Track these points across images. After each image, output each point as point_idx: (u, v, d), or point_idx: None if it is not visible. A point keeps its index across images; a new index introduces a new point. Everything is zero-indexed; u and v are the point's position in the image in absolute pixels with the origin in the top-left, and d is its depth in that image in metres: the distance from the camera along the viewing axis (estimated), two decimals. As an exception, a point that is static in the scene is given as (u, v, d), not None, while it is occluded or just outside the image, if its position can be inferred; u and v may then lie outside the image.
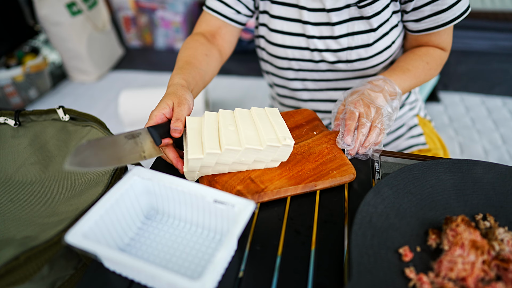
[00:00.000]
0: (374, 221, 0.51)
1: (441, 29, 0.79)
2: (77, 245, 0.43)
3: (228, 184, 0.60)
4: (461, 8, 0.76)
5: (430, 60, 0.82)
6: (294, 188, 0.60)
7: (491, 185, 0.58)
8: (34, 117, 0.79)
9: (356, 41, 0.81)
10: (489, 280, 0.45)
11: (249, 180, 0.61)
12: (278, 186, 0.60)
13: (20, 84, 2.15)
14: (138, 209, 0.54)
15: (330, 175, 0.62)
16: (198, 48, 0.82)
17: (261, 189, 0.59)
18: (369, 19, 0.78)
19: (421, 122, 1.03)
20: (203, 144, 0.58)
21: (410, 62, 0.80)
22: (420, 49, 0.84)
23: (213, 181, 0.61)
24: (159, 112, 0.62)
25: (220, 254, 0.42)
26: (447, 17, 0.77)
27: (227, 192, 0.56)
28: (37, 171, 0.69)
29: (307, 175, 0.62)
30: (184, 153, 0.60)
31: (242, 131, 0.60)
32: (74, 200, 0.63)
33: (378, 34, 0.80)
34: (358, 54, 0.82)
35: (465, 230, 0.48)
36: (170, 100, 0.64)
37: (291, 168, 0.63)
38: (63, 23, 2.24)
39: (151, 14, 2.81)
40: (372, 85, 0.72)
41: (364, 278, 0.44)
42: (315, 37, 0.83)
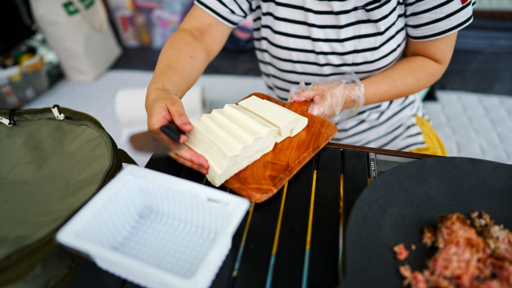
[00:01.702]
0: (369, 219, 0.50)
1: (438, 38, 0.78)
2: (69, 244, 0.43)
3: (256, 175, 0.61)
4: (460, 18, 0.74)
5: (421, 76, 0.82)
6: (308, 154, 0.65)
7: (487, 183, 0.57)
8: (28, 116, 0.79)
9: (362, 44, 0.80)
10: (484, 278, 0.45)
11: (270, 164, 0.63)
12: (296, 157, 0.64)
13: (17, 84, 2.14)
14: (132, 207, 0.54)
15: (321, 133, 0.70)
16: (183, 49, 0.77)
17: (286, 165, 0.63)
18: (376, 22, 0.77)
19: (419, 121, 1.03)
20: (232, 140, 0.58)
21: (402, 77, 0.82)
22: (416, 61, 0.83)
23: (242, 179, 0.60)
24: (158, 117, 0.60)
25: (213, 252, 0.41)
26: (444, 26, 0.75)
27: (260, 180, 0.59)
28: (31, 170, 0.69)
29: (307, 140, 0.68)
30: (210, 159, 0.58)
31: (251, 121, 0.63)
32: (68, 199, 0.62)
33: (385, 37, 0.79)
34: (364, 57, 0.81)
35: (460, 228, 0.48)
36: (163, 103, 0.62)
37: (291, 141, 0.68)
38: (60, 22, 2.23)
39: (148, 14, 2.81)
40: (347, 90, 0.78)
41: (359, 277, 0.44)
42: (320, 40, 0.82)
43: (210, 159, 0.57)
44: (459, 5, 0.73)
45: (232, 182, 0.59)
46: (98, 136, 0.73)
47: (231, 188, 0.60)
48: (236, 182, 0.59)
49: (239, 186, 0.59)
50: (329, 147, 0.70)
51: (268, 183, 0.59)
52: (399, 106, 1.00)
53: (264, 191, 0.58)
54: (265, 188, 0.58)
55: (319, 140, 0.68)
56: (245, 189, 0.58)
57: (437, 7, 0.73)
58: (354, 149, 0.70)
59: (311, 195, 0.60)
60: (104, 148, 0.70)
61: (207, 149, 0.58)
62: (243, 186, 0.58)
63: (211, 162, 0.57)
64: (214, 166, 0.56)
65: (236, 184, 0.59)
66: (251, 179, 0.60)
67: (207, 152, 0.58)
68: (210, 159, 0.57)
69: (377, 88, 0.81)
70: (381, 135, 1.02)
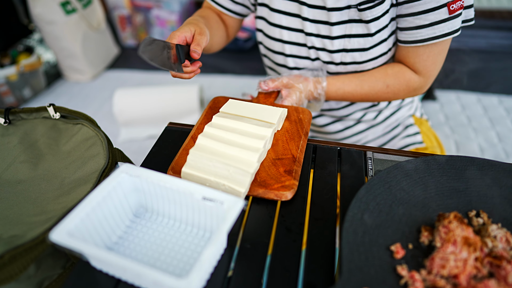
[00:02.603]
0: (365, 218, 0.50)
1: (419, 45, 0.75)
2: (62, 243, 0.42)
3: (272, 175, 0.60)
4: (445, 29, 0.71)
5: (392, 83, 0.80)
6: (303, 141, 0.67)
7: (485, 182, 0.57)
8: (24, 115, 0.78)
9: (352, 43, 0.79)
10: (481, 277, 0.45)
11: (278, 161, 0.63)
12: (296, 147, 0.65)
13: (14, 83, 2.13)
14: (127, 207, 0.54)
15: (302, 119, 0.71)
16: (211, 15, 0.88)
17: (292, 157, 0.63)
18: (367, 23, 0.76)
19: (417, 121, 1.03)
20: (244, 154, 0.59)
21: (372, 81, 0.81)
22: (393, 68, 0.81)
23: (262, 183, 0.59)
24: (181, 33, 0.66)
25: (208, 252, 0.41)
26: (427, 34, 0.72)
27: (279, 178, 0.59)
28: (26, 170, 0.68)
29: (294, 129, 0.69)
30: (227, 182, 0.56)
31: (248, 127, 0.64)
32: (62, 198, 0.62)
33: (376, 39, 0.78)
34: (352, 57, 0.80)
35: (457, 226, 0.47)
36: (193, 27, 0.68)
37: (280, 134, 0.68)
38: (57, 21, 2.22)
39: (146, 13, 2.80)
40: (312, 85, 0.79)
41: (355, 276, 0.43)
42: (313, 35, 0.82)
43: (228, 182, 0.56)
44: (446, 15, 0.70)
45: (255, 189, 0.58)
46: (93, 135, 0.73)
47: (255, 195, 0.58)
48: (258, 188, 0.58)
49: (263, 190, 0.58)
50: (326, 146, 0.70)
51: (288, 178, 0.59)
52: (396, 106, 0.99)
53: (289, 187, 0.58)
54: (288, 184, 0.58)
55: (304, 126, 0.70)
56: (271, 191, 0.58)
57: (422, 12, 0.71)
58: (351, 148, 0.69)
59: (307, 194, 0.60)
60: (100, 147, 0.70)
61: (223, 173, 0.57)
62: (268, 189, 0.58)
63: (230, 185, 0.55)
64: (236, 186, 0.55)
65: (260, 190, 0.58)
66: (270, 180, 0.59)
67: (224, 176, 0.56)
68: (228, 182, 0.56)
69: (340, 87, 0.80)
70: (379, 135, 1.02)
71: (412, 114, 1.03)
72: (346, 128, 1.00)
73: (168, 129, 0.76)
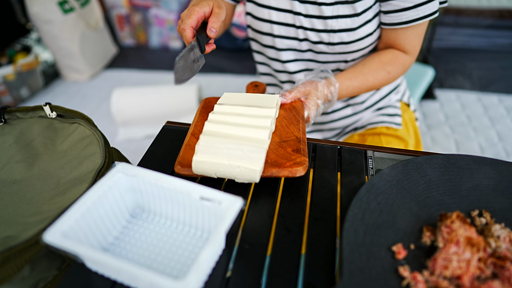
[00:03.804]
0: (366, 218, 0.49)
1: (407, 26, 0.79)
2: (56, 244, 0.41)
3: (282, 155, 0.61)
4: (427, 10, 0.77)
5: (392, 69, 0.84)
6: (303, 124, 0.68)
7: (487, 181, 0.56)
8: (20, 114, 0.77)
9: (339, 24, 0.81)
10: (485, 278, 0.44)
11: (283, 143, 0.63)
12: (297, 129, 0.66)
13: (12, 83, 2.12)
14: (123, 207, 0.52)
15: (295, 106, 0.73)
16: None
17: (296, 138, 0.64)
18: (353, 4, 0.78)
19: (402, 107, 1.04)
20: (254, 133, 0.60)
21: (373, 72, 0.83)
22: (386, 55, 0.85)
23: (274, 163, 0.59)
24: (201, 9, 0.67)
25: (205, 252, 0.40)
26: (411, 15, 0.77)
27: (289, 157, 0.60)
28: (22, 169, 0.67)
29: (290, 115, 0.70)
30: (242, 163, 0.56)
31: (251, 110, 0.65)
32: (58, 198, 0.61)
33: (362, 19, 0.80)
34: (340, 38, 0.82)
35: (460, 226, 0.46)
36: (211, 1, 0.69)
37: (278, 121, 0.69)
38: (55, 21, 2.21)
39: (144, 12, 2.79)
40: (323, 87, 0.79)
41: (356, 277, 0.42)
42: (301, 15, 0.83)
43: (242, 162, 0.55)
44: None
45: (268, 169, 0.58)
46: (90, 134, 0.72)
47: (269, 175, 0.58)
48: (271, 168, 0.58)
49: (276, 169, 0.58)
50: (326, 145, 0.69)
51: (298, 156, 0.60)
52: (385, 92, 1.01)
53: (301, 163, 0.58)
54: (299, 161, 0.59)
55: (299, 112, 0.71)
56: (285, 169, 0.58)
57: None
58: (351, 147, 0.68)
59: (307, 194, 0.59)
60: (96, 146, 0.69)
61: (236, 154, 0.56)
62: (281, 168, 0.58)
63: (244, 165, 0.55)
64: (250, 165, 0.55)
65: (273, 169, 0.58)
66: (281, 160, 0.59)
67: (238, 157, 0.56)
68: (242, 163, 0.55)
69: (349, 84, 0.82)
70: (364, 121, 1.02)
71: (399, 99, 1.04)
72: (333, 111, 1.00)
73: (166, 128, 0.75)
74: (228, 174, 0.56)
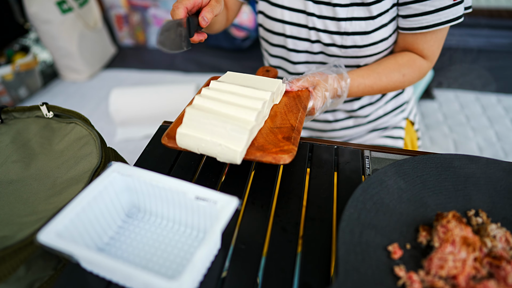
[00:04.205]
0: (362, 218, 0.49)
1: (427, 31, 0.76)
2: (50, 244, 0.41)
3: (270, 141, 0.58)
4: (449, 15, 0.73)
5: (408, 72, 0.80)
6: (302, 113, 0.65)
7: (484, 181, 0.56)
8: (17, 114, 0.77)
9: (353, 26, 0.78)
10: (481, 278, 0.44)
11: (276, 129, 0.61)
12: (294, 118, 0.64)
13: (10, 83, 2.12)
14: (119, 206, 0.52)
15: (300, 95, 0.70)
16: None
17: (291, 126, 0.62)
18: (369, 6, 0.75)
19: (408, 127, 1.01)
20: (242, 113, 0.57)
21: (388, 73, 0.79)
22: (403, 57, 0.81)
23: (260, 147, 0.57)
24: None
25: (200, 252, 0.40)
26: (432, 20, 0.74)
27: (277, 143, 0.58)
28: (18, 169, 0.67)
29: (292, 103, 0.68)
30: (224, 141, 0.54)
31: (247, 90, 0.63)
32: (54, 198, 0.61)
33: (377, 23, 0.77)
34: (353, 41, 0.79)
35: (456, 226, 0.46)
36: None
37: (278, 107, 0.67)
38: (53, 21, 2.21)
39: (143, 12, 2.79)
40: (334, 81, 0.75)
41: (351, 277, 0.42)
42: (314, 15, 0.80)
43: (224, 141, 0.53)
44: (450, 1, 0.71)
45: (252, 152, 0.56)
46: (87, 134, 0.72)
47: (252, 159, 0.56)
48: (255, 151, 0.56)
49: (261, 153, 0.56)
50: (323, 144, 0.69)
51: (287, 143, 0.58)
52: (390, 108, 0.98)
53: (288, 151, 0.56)
54: (287, 148, 0.56)
55: (303, 101, 0.68)
56: (269, 154, 0.56)
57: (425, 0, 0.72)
58: (348, 146, 0.68)
59: (303, 194, 0.59)
60: (93, 146, 0.69)
61: (219, 131, 0.54)
62: (265, 153, 0.56)
63: (226, 144, 0.53)
64: (232, 145, 0.53)
65: (257, 153, 0.56)
66: (268, 145, 0.57)
67: (220, 134, 0.54)
68: (224, 141, 0.53)
69: (361, 82, 0.78)
70: (363, 135, 1.01)
71: (406, 117, 1.02)
72: (335, 120, 0.99)
73: (163, 128, 0.75)
74: (210, 152, 0.55)
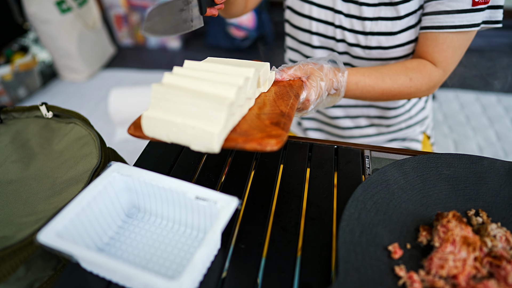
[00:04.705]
0: (362, 218, 0.49)
1: (437, 32, 0.71)
2: (50, 244, 0.41)
3: (256, 126, 0.50)
4: (464, 20, 0.68)
5: (415, 77, 0.73)
6: (294, 100, 0.58)
7: (484, 180, 0.56)
8: (16, 114, 0.77)
9: (379, 26, 0.75)
10: (481, 277, 0.44)
11: (263, 115, 0.53)
12: (285, 105, 0.56)
13: (9, 83, 2.11)
14: (118, 206, 0.52)
15: (292, 84, 0.63)
16: None
17: (281, 112, 0.54)
18: (396, 6, 0.72)
19: (424, 141, 1.01)
20: (220, 89, 0.48)
21: (393, 74, 0.73)
22: (412, 61, 0.75)
23: (243, 133, 0.49)
24: None
25: (200, 252, 0.40)
26: (445, 21, 0.69)
27: (264, 128, 0.49)
28: (18, 169, 0.67)
29: (283, 91, 0.61)
30: (198, 123, 0.46)
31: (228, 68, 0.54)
32: (54, 198, 0.61)
33: (404, 23, 0.74)
34: (378, 41, 0.76)
35: (456, 226, 0.46)
36: None
37: (267, 96, 0.60)
38: (52, 21, 2.20)
39: (143, 12, 2.78)
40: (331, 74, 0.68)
41: (352, 277, 0.42)
42: (342, 13, 0.78)
43: (199, 122, 0.45)
44: (468, 6, 0.67)
45: (233, 138, 0.47)
46: (86, 134, 0.71)
47: (233, 146, 0.47)
48: (238, 137, 0.47)
49: (244, 139, 0.47)
50: (323, 144, 0.69)
51: (275, 128, 0.49)
52: (413, 120, 0.97)
53: (276, 136, 0.47)
54: (275, 133, 0.48)
55: (294, 89, 0.62)
56: (254, 140, 0.47)
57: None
58: (348, 146, 0.68)
59: (303, 193, 0.59)
60: (92, 146, 0.69)
61: (192, 111, 0.45)
62: (249, 138, 0.47)
63: (201, 126, 0.45)
64: (208, 127, 0.45)
65: (240, 139, 0.47)
66: (253, 131, 0.49)
67: (192, 114, 0.45)
68: (198, 122, 0.45)
69: (361, 79, 0.71)
70: (382, 143, 1.00)
71: (423, 131, 1.01)
72: (356, 127, 0.97)
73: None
74: (182, 138, 0.47)
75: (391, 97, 0.75)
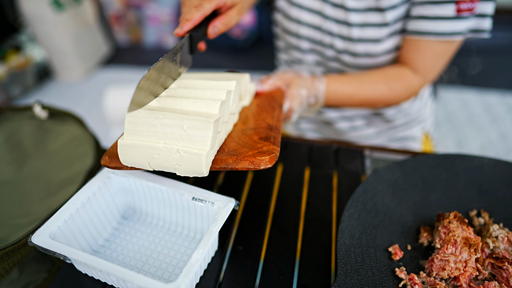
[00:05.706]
0: (362, 219, 0.48)
1: (418, 39, 0.70)
2: (43, 246, 0.40)
3: (244, 143, 0.47)
4: (446, 27, 0.66)
5: (395, 87, 0.73)
6: (278, 111, 0.55)
7: (486, 180, 0.55)
8: (10, 114, 0.76)
9: (366, 33, 0.74)
10: (482, 279, 0.43)
11: (250, 131, 0.51)
12: (271, 117, 0.54)
13: (3, 82, 2.09)
14: (114, 208, 0.51)
15: (273, 95, 0.61)
16: None
17: (268, 125, 0.51)
18: (383, 12, 0.70)
19: (425, 140, 1.00)
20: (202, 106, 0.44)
21: (372, 83, 0.73)
22: (392, 69, 0.75)
23: (232, 152, 0.46)
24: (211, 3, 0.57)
25: (197, 254, 0.39)
26: (426, 27, 0.67)
27: (254, 145, 0.46)
28: (11, 170, 0.66)
29: (265, 103, 0.59)
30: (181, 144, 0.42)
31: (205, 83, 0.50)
32: (48, 199, 0.60)
33: (391, 29, 0.72)
34: (365, 49, 0.75)
35: (457, 227, 0.46)
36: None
37: (250, 109, 0.58)
38: (47, 19, 2.19)
39: (139, 10, 2.77)
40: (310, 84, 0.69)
41: (351, 279, 0.41)
42: (330, 18, 0.77)
43: (183, 144, 0.42)
44: (452, 13, 0.65)
45: (222, 159, 0.44)
46: (81, 134, 0.70)
47: (223, 167, 0.44)
48: (227, 158, 0.44)
49: (234, 159, 0.44)
50: (323, 144, 0.68)
51: (265, 144, 0.46)
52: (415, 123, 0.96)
53: (269, 152, 0.44)
54: (266, 149, 0.45)
55: (277, 100, 0.59)
56: (245, 159, 0.44)
57: (429, 3, 0.67)
58: (348, 146, 0.67)
59: (302, 194, 0.58)
60: (87, 146, 0.68)
61: (175, 133, 0.42)
62: (240, 157, 0.44)
63: (187, 149, 0.41)
64: (194, 149, 0.41)
65: (230, 159, 0.44)
66: (242, 149, 0.46)
67: (176, 136, 0.42)
68: (183, 145, 0.42)
69: (339, 88, 0.71)
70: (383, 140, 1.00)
71: (424, 131, 1.01)
72: (354, 128, 0.96)
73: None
74: (166, 163, 0.43)
75: (370, 105, 0.76)
